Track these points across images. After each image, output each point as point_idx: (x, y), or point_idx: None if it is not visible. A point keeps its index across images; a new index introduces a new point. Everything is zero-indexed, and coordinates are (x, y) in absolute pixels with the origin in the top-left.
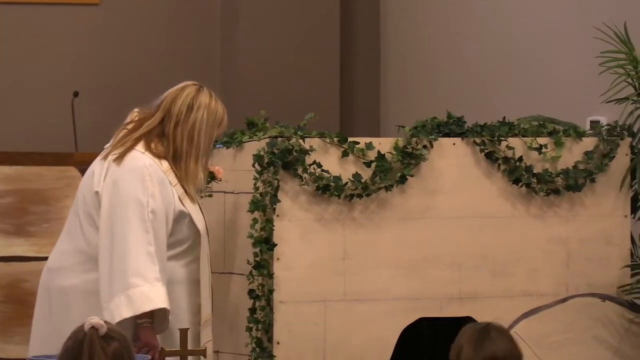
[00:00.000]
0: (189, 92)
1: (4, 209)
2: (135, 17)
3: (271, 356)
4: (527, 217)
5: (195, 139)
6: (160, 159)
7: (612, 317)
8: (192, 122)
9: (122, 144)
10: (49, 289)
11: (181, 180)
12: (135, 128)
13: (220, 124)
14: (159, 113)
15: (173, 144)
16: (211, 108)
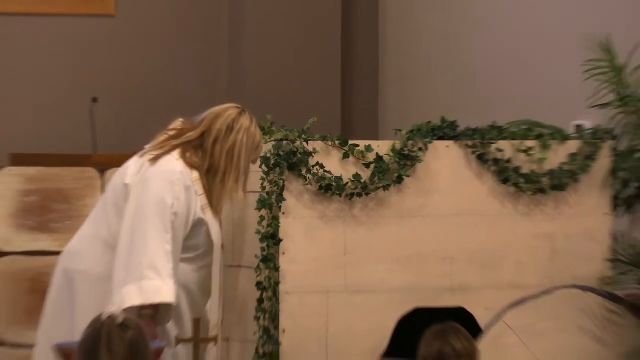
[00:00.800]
0: (231, 113)
1: (28, 207)
2: (147, 27)
3: (277, 343)
4: (514, 214)
5: (235, 159)
6: (191, 169)
7: (594, 307)
8: (232, 142)
9: (160, 147)
10: (65, 270)
11: (208, 193)
12: (176, 136)
13: (257, 147)
14: (200, 127)
15: (210, 158)
16: (250, 132)
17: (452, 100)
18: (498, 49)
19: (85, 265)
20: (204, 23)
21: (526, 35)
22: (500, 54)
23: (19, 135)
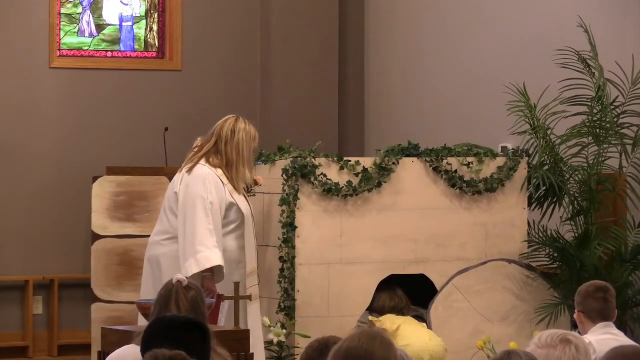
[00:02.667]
0: (230, 121)
1: (118, 204)
2: (203, 77)
3: (293, 299)
4: (459, 209)
5: (240, 152)
6: (215, 168)
7: (515, 274)
8: (236, 141)
9: (191, 160)
10: (149, 257)
11: (231, 180)
12: (198, 150)
13: (254, 139)
14: (213, 138)
15: (225, 157)
16: (247, 130)
17: (416, 126)
18: (448, 92)
19: (163, 250)
20: (242, 74)
21: (468, 83)
22: (450, 94)
23: (113, 153)
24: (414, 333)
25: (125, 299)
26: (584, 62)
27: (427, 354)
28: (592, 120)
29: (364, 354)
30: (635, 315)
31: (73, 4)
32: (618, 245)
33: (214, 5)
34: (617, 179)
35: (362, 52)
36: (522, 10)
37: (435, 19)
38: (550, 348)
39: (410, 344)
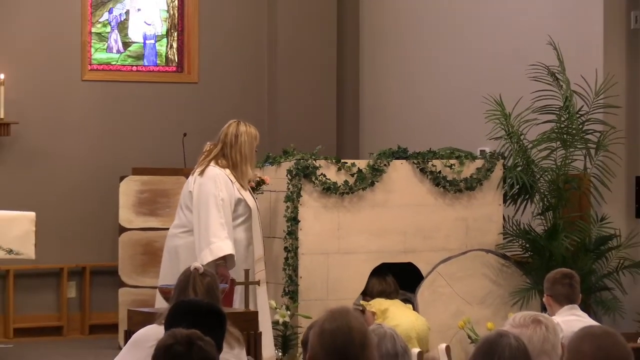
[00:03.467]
0: (233, 127)
1: (142, 200)
2: (217, 89)
3: (297, 285)
4: (443, 205)
5: (243, 153)
6: (224, 169)
7: (492, 262)
8: (240, 143)
9: (202, 163)
10: (168, 248)
11: (238, 179)
12: (208, 154)
13: (255, 138)
14: (220, 143)
15: (231, 159)
16: (248, 132)
17: (405, 132)
18: (433, 102)
19: (181, 242)
20: (251, 86)
21: (451, 94)
22: (435, 104)
23: (138, 156)
24: (401, 314)
25: (149, 284)
26: (553, 76)
27: (414, 332)
28: (560, 127)
29: (346, 329)
30: (597, 299)
31: (103, 24)
32: (583, 238)
33: (227, 26)
34: (582, 179)
35: (357, 67)
36: (499, 29)
37: (422, 39)
38: (523, 327)
39: (399, 324)
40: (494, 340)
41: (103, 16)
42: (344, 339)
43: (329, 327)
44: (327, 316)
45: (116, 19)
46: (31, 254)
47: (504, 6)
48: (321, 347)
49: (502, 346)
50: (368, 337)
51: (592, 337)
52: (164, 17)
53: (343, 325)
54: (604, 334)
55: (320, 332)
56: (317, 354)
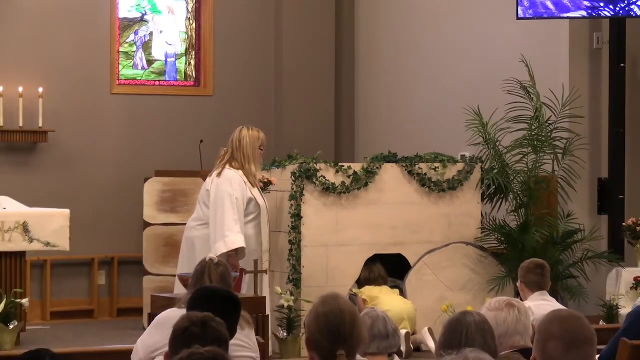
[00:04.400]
0: (237, 132)
1: (164, 199)
2: (230, 100)
3: (300, 273)
4: (428, 203)
5: (246, 154)
6: (237, 170)
7: (471, 253)
8: (244, 146)
9: (218, 166)
10: (186, 238)
11: (248, 179)
12: (222, 158)
13: (258, 139)
14: (230, 148)
15: (239, 161)
16: (250, 134)
17: (395, 139)
18: (420, 112)
19: (197, 233)
20: (259, 98)
21: (436, 105)
22: (421, 114)
23: (160, 160)
24: (391, 300)
25: (170, 273)
26: (524, 90)
27: (405, 314)
28: (531, 135)
29: (338, 312)
30: (564, 286)
31: (129, 44)
32: (551, 231)
33: (239, 46)
34: (550, 180)
35: (352, 82)
36: (479, 49)
37: (410, 58)
38: (498, 310)
39: (391, 309)
40: (459, 318)
41: (129, 37)
42: (336, 320)
43: (322, 310)
44: (319, 301)
45: (141, 39)
46: (66, 246)
47: (483, 29)
48: (317, 329)
49: (468, 322)
50: (357, 317)
51: (560, 319)
52: (183, 38)
53: (334, 307)
54: (570, 316)
55: (315, 316)
56: (314, 334)
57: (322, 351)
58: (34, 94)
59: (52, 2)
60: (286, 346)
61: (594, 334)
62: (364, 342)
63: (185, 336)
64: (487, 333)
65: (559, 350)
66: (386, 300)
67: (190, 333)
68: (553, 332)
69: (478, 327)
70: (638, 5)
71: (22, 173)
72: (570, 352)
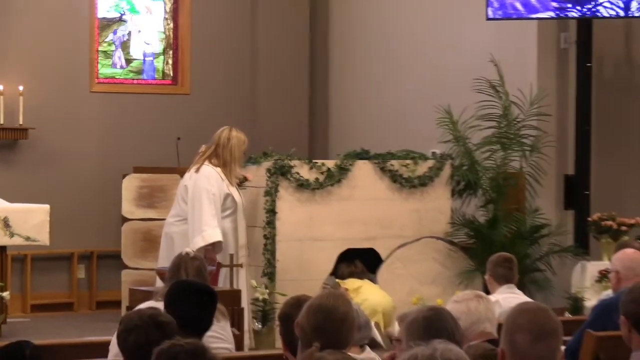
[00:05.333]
0: (226, 131)
1: (142, 195)
2: (207, 100)
3: (274, 267)
4: (400, 199)
5: (233, 154)
6: (215, 167)
7: (441, 248)
8: (230, 146)
9: (197, 162)
10: (165, 234)
11: (227, 176)
12: (202, 154)
13: (244, 142)
14: (213, 145)
15: (222, 159)
16: (238, 137)
17: (367, 136)
18: (392, 110)
19: (176, 229)
20: (236, 97)
21: (407, 103)
22: (393, 112)
23: (138, 156)
24: (371, 292)
25: (148, 267)
26: (494, 89)
27: (380, 307)
28: (500, 133)
29: (331, 308)
30: (531, 279)
31: (108, 44)
32: (519, 226)
33: (215, 46)
34: (519, 176)
35: (326, 81)
36: (449, 49)
37: (383, 58)
38: (468, 301)
39: (368, 299)
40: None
41: (108, 37)
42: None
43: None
44: (320, 295)
45: (120, 39)
46: (46, 241)
47: (453, 29)
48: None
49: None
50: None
51: (527, 312)
52: (160, 38)
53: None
54: (537, 309)
55: (313, 305)
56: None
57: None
58: (15, 92)
59: (32, 3)
60: (261, 338)
61: (560, 325)
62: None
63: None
64: (437, 330)
65: (527, 342)
66: (367, 291)
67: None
68: (521, 325)
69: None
70: (604, 6)
71: (3, 169)
72: (538, 343)
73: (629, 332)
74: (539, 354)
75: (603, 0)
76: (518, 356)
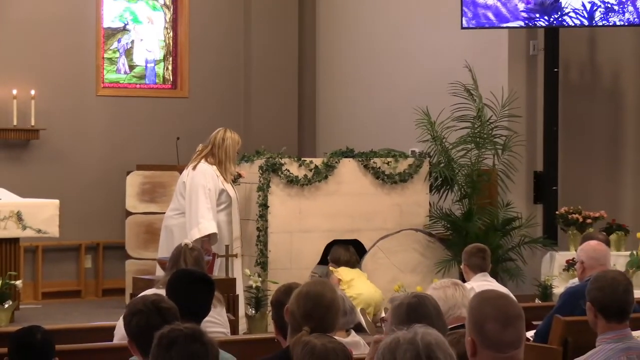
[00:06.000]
0: (221, 132)
1: (144, 190)
2: (204, 103)
3: (266, 257)
4: (382, 194)
5: (228, 154)
6: (211, 165)
7: (421, 239)
8: (225, 146)
9: (194, 160)
10: (165, 226)
11: (222, 174)
12: (199, 153)
13: (238, 143)
14: (209, 145)
15: (218, 157)
16: (232, 137)
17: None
18: (375, 111)
19: (174, 222)
20: (230, 100)
21: (389, 105)
22: (376, 113)
23: (141, 155)
24: (363, 286)
25: (150, 257)
26: (468, 92)
27: (373, 301)
28: (474, 133)
29: (319, 295)
30: (504, 268)
31: (113, 51)
32: (492, 219)
33: (212, 52)
34: (492, 173)
35: (314, 84)
36: (427, 54)
37: (367, 63)
38: (446, 288)
39: (362, 294)
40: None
41: (113, 45)
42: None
43: (305, 291)
44: (307, 283)
45: (123, 47)
46: (56, 233)
47: (431, 37)
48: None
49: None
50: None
51: (490, 300)
52: (161, 46)
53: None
54: (498, 296)
55: (301, 292)
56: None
57: (294, 323)
58: (27, 96)
59: (43, 13)
60: (255, 323)
61: (521, 310)
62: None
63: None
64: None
65: (497, 330)
66: (360, 285)
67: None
68: (487, 314)
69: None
70: (570, 16)
71: (16, 167)
72: (508, 329)
73: (595, 317)
74: (509, 339)
75: (569, 10)
76: (490, 344)
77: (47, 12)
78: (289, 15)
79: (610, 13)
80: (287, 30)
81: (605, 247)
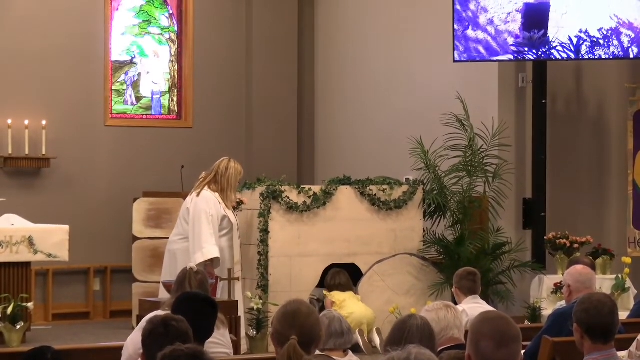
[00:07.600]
0: (225, 162)
1: (150, 216)
2: (207, 133)
3: (267, 280)
4: (378, 219)
5: (230, 183)
6: (214, 192)
7: (415, 263)
8: (228, 175)
9: (198, 187)
10: (169, 250)
11: (224, 201)
12: (203, 180)
13: (240, 173)
14: (212, 173)
15: (220, 185)
16: (235, 167)
17: (349, 164)
18: (371, 141)
19: (178, 246)
20: (232, 130)
21: (384, 135)
22: (372, 143)
23: (147, 182)
24: (355, 306)
25: (155, 280)
26: (460, 122)
27: (365, 319)
28: (465, 161)
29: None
30: (494, 291)
31: (120, 83)
32: (483, 244)
33: (214, 85)
34: (483, 200)
35: (313, 115)
36: (421, 86)
37: (363, 95)
38: (438, 310)
39: (354, 313)
40: (405, 320)
41: (121, 77)
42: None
43: (284, 308)
44: (285, 303)
45: (131, 79)
46: (65, 257)
47: (425, 70)
48: (278, 320)
49: (411, 324)
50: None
51: (490, 320)
52: (167, 78)
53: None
54: (498, 317)
55: (278, 312)
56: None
57: (280, 338)
58: (38, 126)
59: (54, 47)
60: (256, 343)
61: (519, 332)
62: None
63: (152, 338)
64: (424, 335)
65: (491, 348)
66: (351, 305)
67: (156, 334)
68: (484, 332)
69: (418, 329)
70: (557, 50)
71: (27, 194)
72: (501, 349)
73: (582, 338)
74: (502, 359)
75: (556, 44)
76: None
77: (58, 46)
78: (288, 49)
79: (596, 47)
80: (287, 65)
81: (591, 271)
